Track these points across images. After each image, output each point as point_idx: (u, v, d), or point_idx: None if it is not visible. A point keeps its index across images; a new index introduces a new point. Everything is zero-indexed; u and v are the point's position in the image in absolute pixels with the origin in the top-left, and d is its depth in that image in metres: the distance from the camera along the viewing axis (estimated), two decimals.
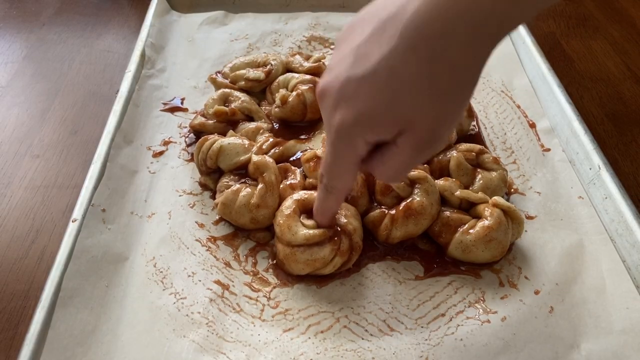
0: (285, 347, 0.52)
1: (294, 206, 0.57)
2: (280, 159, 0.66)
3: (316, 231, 0.55)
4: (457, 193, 0.60)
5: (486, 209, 0.58)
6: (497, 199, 0.59)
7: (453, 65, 0.38)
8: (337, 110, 0.42)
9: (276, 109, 0.73)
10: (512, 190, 0.67)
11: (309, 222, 0.57)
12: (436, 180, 0.62)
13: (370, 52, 0.39)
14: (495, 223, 0.57)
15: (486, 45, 0.39)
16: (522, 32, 0.88)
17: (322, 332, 0.53)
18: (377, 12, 0.40)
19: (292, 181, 0.62)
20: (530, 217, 0.64)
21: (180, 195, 0.66)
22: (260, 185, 0.61)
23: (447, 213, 0.60)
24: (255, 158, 0.63)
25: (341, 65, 0.42)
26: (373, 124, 0.41)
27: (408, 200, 0.59)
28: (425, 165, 0.64)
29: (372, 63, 0.39)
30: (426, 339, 0.53)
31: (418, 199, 0.59)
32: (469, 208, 0.61)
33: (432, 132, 0.41)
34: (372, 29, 0.39)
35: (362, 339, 0.53)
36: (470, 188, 0.63)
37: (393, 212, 0.59)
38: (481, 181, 0.63)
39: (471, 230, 0.58)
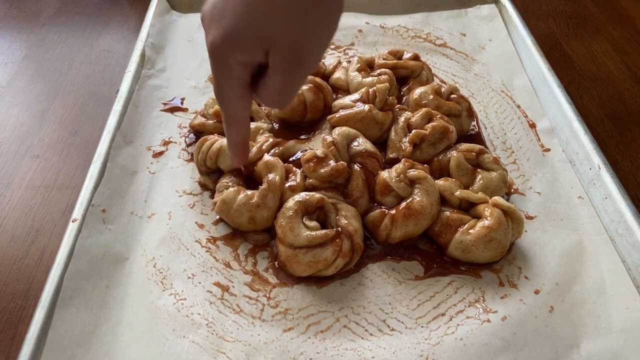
0: (285, 347, 0.52)
1: (296, 207, 0.57)
2: (280, 159, 0.66)
3: (319, 232, 0.55)
4: (457, 193, 0.60)
5: (486, 209, 0.58)
6: (497, 199, 0.59)
7: None
8: (209, 32, 0.44)
9: (276, 109, 0.73)
10: (512, 190, 0.67)
11: (311, 224, 0.57)
12: (436, 180, 0.62)
13: None
14: (495, 223, 0.57)
15: None
16: (522, 32, 0.88)
17: (322, 331, 0.53)
18: None
19: (292, 183, 0.62)
20: (530, 217, 0.64)
21: (180, 196, 0.66)
22: (263, 185, 0.60)
23: (447, 213, 0.60)
24: (266, 157, 0.63)
25: None
26: (238, 41, 0.42)
27: (408, 200, 0.59)
28: (425, 165, 0.64)
29: None
30: (426, 338, 0.53)
31: (418, 199, 0.59)
32: (469, 208, 0.61)
33: (296, 51, 0.42)
34: None
35: (362, 338, 0.53)
36: (471, 188, 0.63)
37: (393, 212, 0.59)
38: (481, 181, 0.63)
39: (471, 231, 0.58)
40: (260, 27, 0.41)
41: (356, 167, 0.63)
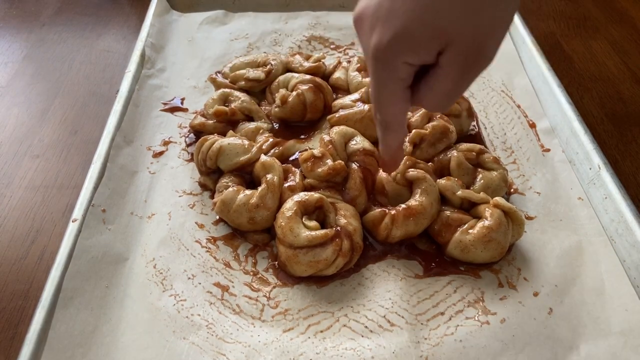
0: (284, 347, 0.52)
1: (295, 208, 0.57)
2: (279, 159, 0.66)
3: (318, 232, 0.55)
4: (459, 193, 0.60)
5: (487, 209, 0.58)
6: (498, 199, 0.59)
7: None
8: (372, 33, 0.41)
9: (276, 109, 0.73)
10: (512, 190, 0.67)
11: (311, 224, 0.57)
12: (438, 180, 0.62)
13: None
14: (495, 224, 0.57)
15: None
16: (522, 32, 0.88)
17: (321, 331, 0.53)
18: None
19: (291, 183, 0.62)
20: (529, 218, 0.64)
21: (180, 196, 0.66)
22: (262, 186, 0.60)
23: (447, 213, 0.60)
24: (263, 158, 0.63)
25: None
26: (410, 41, 0.39)
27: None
28: (430, 163, 0.64)
29: None
30: (426, 338, 0.53)
31: (418, 198, 0.59)
32: (470, 208, 0.61)
33: (475, 46, 0.38)
34: None
35: (362, 336, 0.53)
36: (472, 188, 0.63)
37: (393, 211, 0.59)
38: (482, 181, 0.63)
39: (471, 230, 0.58)
40: (438, 25, 0.37)
41: (354, 165, 0.63)
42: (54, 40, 0.95)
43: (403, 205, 0.59)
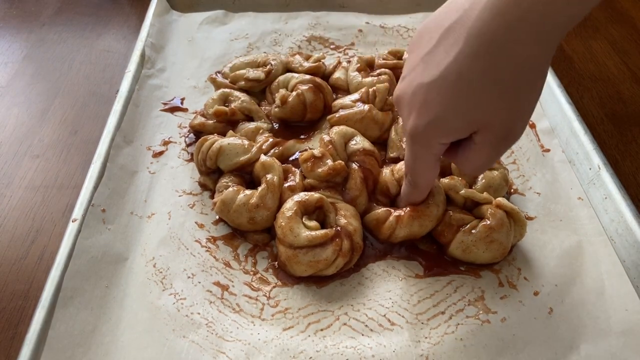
0: (284, 346, 0.52)
1: (295, 208, 0.57)
2: (279, 159, 0.66)
3: (318, 232, 0.55)
4: (462, 192, 0.60)
5: (489, 209, 0.58)
6: (501, 200, 0.59)
7: (518, 65, 0.39)
8: (410, 117, 0.45)
9: (276, 109, 0.73)
10: (512, 190, 0.67)
11: (311, 224, 0.57)
12: (441, 179, 0.62)
13: (438, 59, 0.41)
14: (497, 224, 0.57)
15: (549, 43, 0.40)
16: None
17: (321, 330, 0.53)
18: (442, 19, 0.42)
19: (291, 183, 0.62)
20: (530, 218, 0.64)
21: (180, 196, 0.66)
22: (262, 186, 0.60)
23: (450, 212, 0.60)
24: (263, 158, 0.63)
25: (412, 73, 0.44)
26: (445, 128, 0.43)
27: None
28: None
29: (440, 69, 0.41)
30: (426, 337, 0.53)
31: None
32: (473, 208, 0.61)
33: (506, 130, 0.43)
34: (439, 36, 0.42)
35: (362, 335, 0.53)
36: (473, 187, 0.63)
37: (399, 212, 0.59)
38: (483, 180, 0.63)
39: (473, 231, 0.57)
40: (471, 114, 0.42)
41: (354, 165, 0.63)
42: (54, 40, 0.95)
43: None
